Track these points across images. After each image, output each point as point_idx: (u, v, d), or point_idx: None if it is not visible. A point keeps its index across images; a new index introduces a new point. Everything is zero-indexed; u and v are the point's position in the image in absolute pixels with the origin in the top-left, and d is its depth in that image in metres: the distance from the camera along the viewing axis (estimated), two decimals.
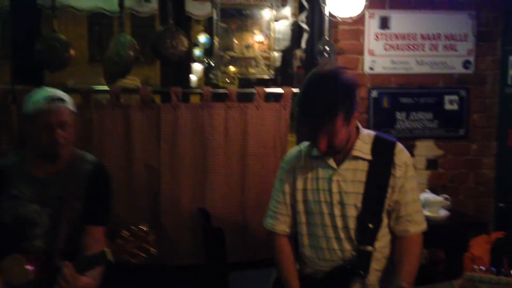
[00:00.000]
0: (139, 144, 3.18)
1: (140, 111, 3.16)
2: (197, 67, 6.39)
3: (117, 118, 3.14)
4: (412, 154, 3.53)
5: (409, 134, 3.53)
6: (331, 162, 1.86)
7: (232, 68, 3.42)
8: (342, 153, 1.84)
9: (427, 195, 3.17)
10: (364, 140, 1.87)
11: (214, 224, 3.12)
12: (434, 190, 3.48)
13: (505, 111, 3.51)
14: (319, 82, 1.72)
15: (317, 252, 1.89)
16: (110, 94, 3.11)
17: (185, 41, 3.15)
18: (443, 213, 3.08)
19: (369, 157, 1.83)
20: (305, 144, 1.98)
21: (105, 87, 3.15)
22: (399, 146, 1.89)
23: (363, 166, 1.84)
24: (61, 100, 2.05)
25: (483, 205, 3.64)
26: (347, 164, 1.85)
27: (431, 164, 3.58)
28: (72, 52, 3.10)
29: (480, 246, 3.04)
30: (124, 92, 3.20)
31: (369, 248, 1.80)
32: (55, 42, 3.03)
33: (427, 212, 3.02)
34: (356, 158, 1.84)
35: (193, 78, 6.92)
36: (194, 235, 3.23)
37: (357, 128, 1.89)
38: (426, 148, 3.57)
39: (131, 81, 3.34)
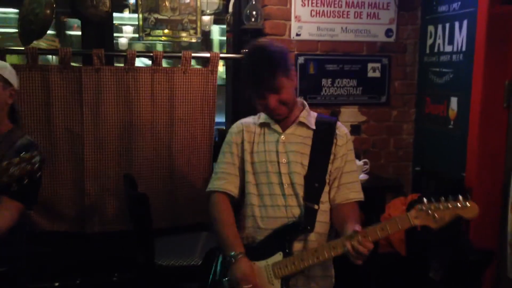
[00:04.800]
0: (59, 109, 3.06)
1: (59, 73, 3.02)
2: (128, 28, 6.15)
3: (34, 81, 2.99)
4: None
5: (334, 101, 3.62)
6: (276, 127, 1.98)
7: (166, 31, 3.32)
8: (288, 121, 1.98)
9: None
10: (309, 113, 2.03)
11: (140, 190, 3.09)
12: (357, 155, 3.61)
13: (423, 79, 3.66)
14: (254, 52, 1.94)
15: (262, 210, 1.95)
16: (27, 55, 2.95)
17: (107, 1, 3.02)
18: (362, 176, 3.21)
19: (313, 126, 1.98)
20: (253, 116, 2.09)
21: (20, 48, 2.98)
22: (340, 123, 2.05)
23: (308, 133, 1.98)
24: None
25: (402, 168, 3.83)
26: (293, 129, 1.98)
27: (355, 129, 3.70)
28: None
29: (396, 207, 3.21)
30: (41, 53, 3.05)
31: (315, 206, 1.91)
32: None
33: None
34: (302, 124, 1.98)
35: (123, 40, 6.66)
36: (119, 202, 3.19)
37: (303, 104, 2.04)
38: (350, 114, 3.68)
39: (50, 41, 3.16)
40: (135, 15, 3.35)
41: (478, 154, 2.99)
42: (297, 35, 3.45)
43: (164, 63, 3.24)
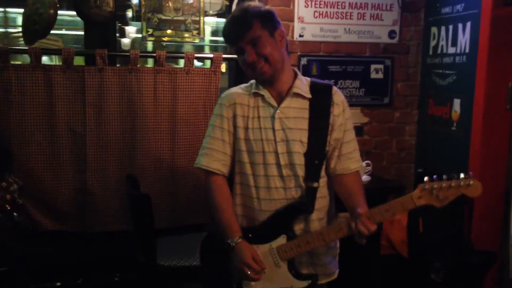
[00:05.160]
0: (62, 108, 3.07)
1: (63, 73, 3.03)
2: (132, 29, 6.16)
3: (38, 80, 3.00)
4: None
5: None
6: (271, 100, 1.88)
7: (169, 31, 3.33)
8: (282, 92, 1.88)
9: None
10: (302, 81, 1.92)
11: (143, 191, 3.10)
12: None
13: (426, 81, 3.66)
14: (236, 8, 1.95)
15: (260, 192, 1.88)
16: (30, 55, 2.96)
17: (110, 1, 3.03)
18: (364, 178, 3.20)
19: (309, 95, 1.88)
20: (245, 84, 1.98)
21: (24, 47, 2.99)
22: (335, 87, 1.95)
23: (304, 104, 1.88)
24: None
25: (404, 170, 3.82)
26: (288, 102, 1.87)
27: (357, 131, 3.67)
28: None
29: None
30: (45, 53, 3.06)
31: (315, 184, 1.85)
32: None
33: None
34: (297, 95, 1.88)
35: (126, 41, 6.67)
36: (121, 202, 3.19)
37: (295, 72, 1.94)
38: (353, 116, 3.57)
39: (53, 41, 3.17)
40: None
41: (481, 155, 2.98)
42: (300, 36, 3.45)
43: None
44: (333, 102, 1.89)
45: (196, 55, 3.22)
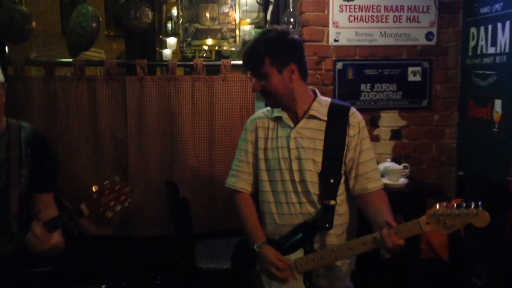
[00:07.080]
0: (105, 117, 3.19)
1: (105, 84, 3.15)
2: (172, 40, 6.31)
3: (82, 91, 3.14)
4: (376, 125, 3.61)
5: (373, 106, 3.59)
6: (288, 121, 1.98)
7: (209, 42, 3.41)
8: (299, 114, 1.98)
9: (387, 164, 3.26)
10: (321, 103, 2.00)
11: (182, 195, 3.17)
12: (398, 160, 3.57)
13: (466, 82, 3.58)
14: (255, 38, 1.98)
15: (278, 207, 2.00)
16: (74, 67, 3.09)
17: (149, 13, 3.15)
18: (402, 181, 3.17)
19: (325, 118, 1.97)
20: (268, 108, 2.09)
21: (68, 60, 3.13)
22: (353, 109, 2.01)
23: (320, 126, 1.96)
24: None
25: (445, 173, 3.74)
26: (304, 123, 1.97)
27: (395, 134, 3.66)
28: (34, 24, 3.06)
29: None
30: (88, 65, 3.19)
31: (332, 202, 1.92)
32: (15, 13, 2.98)
33: (387, 181, 3.10)
34: (313, 117, 1.97)
35: (167, 52, 6.84)
36: (162, 207, 3.27)
37: (315, 94, 2.02)
38: (390, 119, 3.64)
39: (96, 53, 3.30)
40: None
41: None
42: (335, 40, 3.45)
43: None
44: (349, 124, 1.96)
45: (232, 62, 3.28)
